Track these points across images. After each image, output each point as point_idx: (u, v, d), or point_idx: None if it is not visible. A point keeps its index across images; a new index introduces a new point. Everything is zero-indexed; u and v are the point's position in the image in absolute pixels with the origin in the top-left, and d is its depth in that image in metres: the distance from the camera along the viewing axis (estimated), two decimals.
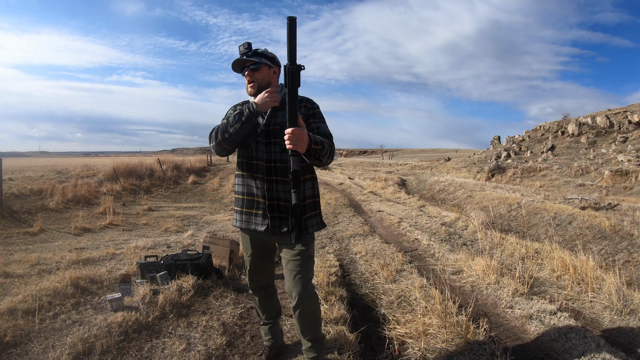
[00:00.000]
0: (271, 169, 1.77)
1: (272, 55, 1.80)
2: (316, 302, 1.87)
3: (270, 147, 1.76)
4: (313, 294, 1.82)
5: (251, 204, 1.83)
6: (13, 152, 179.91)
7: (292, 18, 1.40)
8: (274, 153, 1.76)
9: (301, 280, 1.75)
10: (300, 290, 1.74)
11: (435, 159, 38.26)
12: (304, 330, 1.88)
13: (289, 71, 1.44)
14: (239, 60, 1.75)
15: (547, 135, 26.25)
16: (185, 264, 3.23)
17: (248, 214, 1.84)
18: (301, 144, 1.49)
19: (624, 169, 15.62)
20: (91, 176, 11.69)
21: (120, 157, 18.96)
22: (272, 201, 1.78)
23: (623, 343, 2.39)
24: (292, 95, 1.47)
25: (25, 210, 7.36)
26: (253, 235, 1.89)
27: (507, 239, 5.09)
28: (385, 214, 7.43)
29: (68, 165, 15.88)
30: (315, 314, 1.86)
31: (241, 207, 1.86)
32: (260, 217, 1.81)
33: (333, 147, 1.71)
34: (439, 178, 17.47)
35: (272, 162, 1.76)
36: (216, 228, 6.23)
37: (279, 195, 1.77)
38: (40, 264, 3.86)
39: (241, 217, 1.86)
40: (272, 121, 1.77)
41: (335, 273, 3.59)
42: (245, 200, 1.84)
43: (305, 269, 1.76)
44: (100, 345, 2.16)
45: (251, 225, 1.83)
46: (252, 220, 1.83)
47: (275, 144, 1.75)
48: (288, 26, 1.39)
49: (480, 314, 2.73)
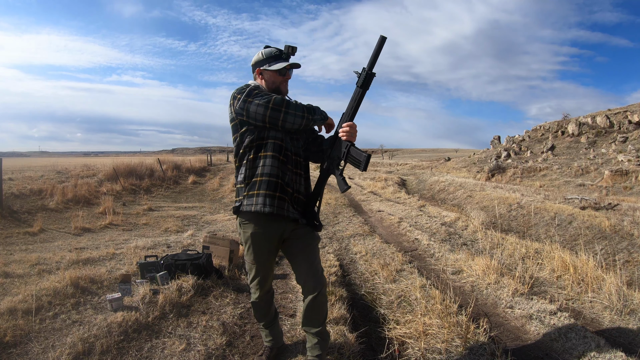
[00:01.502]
0: (297, 162, 1.84)
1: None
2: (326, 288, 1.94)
3: (294, 142, 1.85)
4: (325, 280, 1.90)
5: (284, 190, 1.75)
6: (13, 152, 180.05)
7: (383, 37, 1.66)
8: (297, 147, 1.86)
9: (318, 267, 1.84)
10: (318, 276, 1.82)
11: (435, 159, 38.26)
12: (317, 321, 1.87)
13: (366, 75, 1.70)
14: (295, 65, 1.87)
15: (547, 135, 26.25)
16: (185, 264, 3.23)
17: (281, 199, 1.72)
18: (355, 136, 1.79)
19: (624, 169, 15.62)
20: (91, 176, 11.69)
21: (120, 157, 18.98)
22: (293, 193, 1.81)
23: (623, 343, 2.39)
24: (361, 95, 1.74)
25: (25, 210, 7.36)
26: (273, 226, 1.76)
27: (507, 238, 5.09)
28: (385, 214, 7.42)
29: (68, 165, 15.88)
30: (326, 302, 1.92)
31: (273, 191, 1.71)
32: (290, 205, 1.77)
33: None
34: (439, 178, 17.47)
35: (295, 155, 1.84)
36: (216, 228, 6.23)
37: (299, 188, 1.84)
38: (40, 264, 3.85)
39: (272, 201, 1.70)
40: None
41: (335, 273, 3.59)
42: (278, 185, 1.72)
43: (319, 257, 1.88)
44: (100, 345, 2.16)
45: (283, 212, 1.72)
46: (284, 207, 1.73)
47: (298, 139, 1.87)
48: (378, 42, 1.66)
49: (480, 314, 2.73)
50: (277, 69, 1.80)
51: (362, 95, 1.74)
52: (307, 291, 1.83)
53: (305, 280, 1.82)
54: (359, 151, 1.74)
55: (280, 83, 1.85)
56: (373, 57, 1.67)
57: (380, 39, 1.66)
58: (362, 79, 1.69)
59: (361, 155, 1.73)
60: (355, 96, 1.75)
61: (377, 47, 1.66)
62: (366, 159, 1.71)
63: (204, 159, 21.14)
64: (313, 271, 1.82)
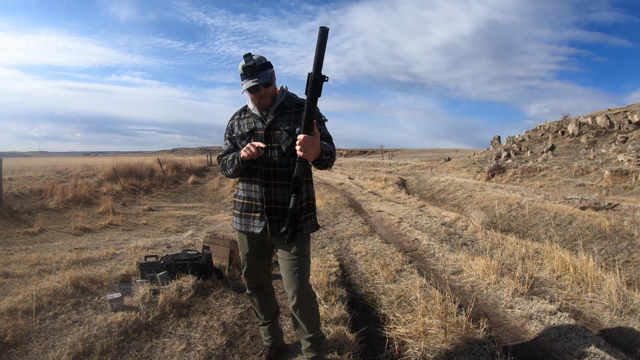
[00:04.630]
0: (270, 173, 1.79)
1: (268, 61, 1.78)
2: (314, 300, 1.89)
3: (269, 152, 1.79)
4: (310, 293, 1.84)
5: (249, 208, 1.87)
6: (13, 152, 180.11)
7: (324, 28, 1.38)
8: (272, 157, 1.79)
9: (298, 279, 1.78)
10: (297, 288, 1.77)
11: (435, 159, 38.27)
12: (303, 330, 1.89)
13: (313, 80, 1.44)
14: (254, 87, 1.71)
15: (547, 135, 26.25)
16: (185, 264, 3.23)
17: (247, 217, 1.88)
18: (311, 152, 1.51)
19: (624, 169, 15.62)
20: (91, 176, 11.69)
21: (120, 157, 18.97)
22: (270, 205, 1.80)
23: (623, 343, 2.39)
24: (311, 104, 1.48)
25: (25, 210, 7.35)
26: (250, 237, 1.93)
27: (507, 239, 5.09)
28: (385, 214, 7.42)
29: (68, 165, 15.88)
30: (313, 313, 1.88)
31: (240, 211, 1.91)
32: (258, 220, 1.84)
33: (335, 152, 1.76)
34: (439, 178, 17.47)
35: (270, 166, 1.79)
36: (216, 228, 6.23)
37: (277, 198, 1.80)
38: (40, 264, 3.85)
39: (240, 220, 1.91)
40: (272, 126, 1.79)
41: (335, 273, 3.59)
42: (244, 204, 1.89)
43: (301, 268, 1.80)
44: (100, 345, 2.16)
45: (249, 228, 1.88)
46: (250, 223, 1.87)
47: (275, 148, 1.78)
48: (319, 36, 1.39)
49: (480, 314, 2.73)
50: (245, 88, 1.74)
51: (311, 103, 1.47)
52: (290, 302, 1.83)
53: (287, 291, 1.83)
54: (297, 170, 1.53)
55: (258, 99, 1.77)
56: (317, 57, 1.41)
57: (321, 32, 1.38)
58: (308, 85, 1.45)
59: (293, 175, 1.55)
60: (304, 106, 1.50)
61: (319, 42, 1.39)
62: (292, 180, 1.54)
63: (204, 159, 21.14)
64: (291, 282, 1.79)
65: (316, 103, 1.50)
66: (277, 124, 1.79)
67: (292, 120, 1.79)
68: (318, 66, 1.42)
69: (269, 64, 1.76)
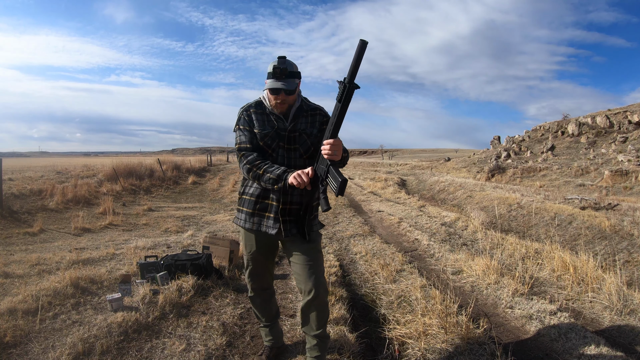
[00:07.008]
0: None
1: (299, 71, 1.81)
2: (327, 294, 1.92)
3: (291, 153, 1.83)
4: (326, 287, 1.88)
5: (264, 207, 1.86)
6: (13, 152, 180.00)
7: (363, 41, 1.42)
8: (293, 159, 1.84)
9: (316, 273, 1.80)
10: (315, 282, 1.79)
11: (435, 159, 38.27)
12: (312, 327, 1.88)
13: (347, 89, 1.48)
14: (277, 90, 1.74)
15: (547, 135, 26.25)
16: (185, 264, 3.23)
17: (259, 216, 1.87)
18: (339, 154, 1.63)
19: (624, 169, 15.62)
20: (91, 176, 11.69)
21: (120, 157, 18.96)
22: (286, 205, 1.82)
23: (623, 343, 2.39)
24: (342, 110, 1.55)
25: (25, 210, 7.35)
26: (260, 235, 1.91)
27: (507, 239, 5.09)
28: (385, 214, 7.42)
29: (68, 165, 15.88)
30: (327, 307, 1.90)
31: (252, 209, 1.87)
32: (272, 221, 1.84)
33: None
34: (439, 178, 17.47)
35: (291, 167, 1.81)
36: (216, 228, 6.23)
37: (293, 199, 1.82)
38: (40, 264, 3.85)
39: (251, 218, 1.88)
40: (295, 128, 1.83)
41: (335, 273, 3.59)
42: (258, 203, 1.86)
43: (318, 262, 1.84)
44: (100, 346, 2.16)
45: (262, 228, 1.86)
46: (263, 223, 1.86)
47: (296, 149, 1.84)
48: (358, 48, 1.42)
49: (480, 314, 2.73)
50: (268, 87, 1.77)
51: (342, 111, 1.55)
52: (306, 297, 1.82)
53: (303, 286, 1.82)
54: (336, 174, 1.57)
55: (276, 102, 1.79)
56: (353, 67, 1.45)
57: (361, 44, 1.41)
58: (341, 93, 1.50)
59: (337, 179, 1.55)
60: (335, 112, 1.57)
61: (357, 54, 1.43)
62: (340, 184, 1.52)
63: (203, 159, 21.15)
64: (309, 276, 1.79)
65: (347, 109, 1.57)
66: (298, 126, 1.83)
67: (308, 122, 1.87)
68: (352, 75, 1.46)
69: (298, 74, 1.80)
